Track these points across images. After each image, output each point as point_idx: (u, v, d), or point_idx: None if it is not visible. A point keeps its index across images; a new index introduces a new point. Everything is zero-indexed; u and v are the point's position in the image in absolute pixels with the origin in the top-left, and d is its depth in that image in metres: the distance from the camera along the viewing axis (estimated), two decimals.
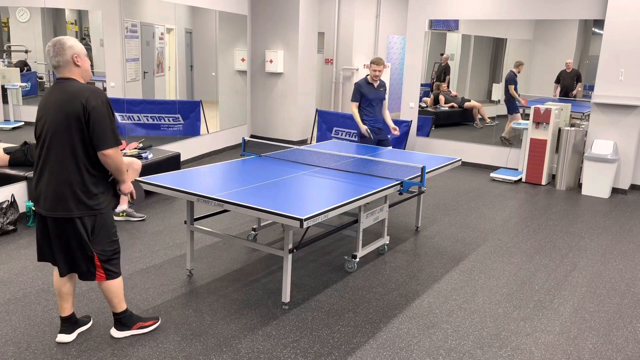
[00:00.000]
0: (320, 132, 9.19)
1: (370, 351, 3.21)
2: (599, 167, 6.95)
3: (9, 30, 5.54)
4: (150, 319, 3.32)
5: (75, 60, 2.84)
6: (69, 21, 6.27)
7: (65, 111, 2.77)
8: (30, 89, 5.77)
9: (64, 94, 2.80)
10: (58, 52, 2.80)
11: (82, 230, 2.90)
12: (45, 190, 2.85)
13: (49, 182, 2.84)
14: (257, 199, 3.52)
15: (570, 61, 7.78)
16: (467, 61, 9.03)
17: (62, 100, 2.79)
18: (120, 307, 3.17)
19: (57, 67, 2.84)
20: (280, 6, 9.35)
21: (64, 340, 3.16)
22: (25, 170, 5.27)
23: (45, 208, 2.87)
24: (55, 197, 2.83)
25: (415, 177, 4.40)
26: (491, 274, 4.41)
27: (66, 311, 3.18)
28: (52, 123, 2.80)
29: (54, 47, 2.80)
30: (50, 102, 2.84)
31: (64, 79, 2.85)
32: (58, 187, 2.82)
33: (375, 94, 5.95)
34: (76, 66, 2.85)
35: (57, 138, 2.80)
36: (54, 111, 2.80)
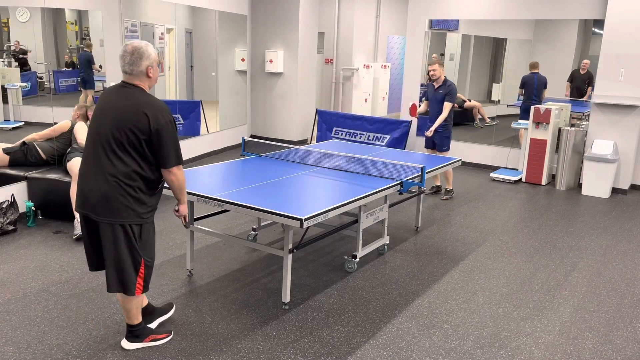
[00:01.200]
0: (320, 132, 9.19)
1: (370, 351, 3.21)
2: (599, 167, 6.95)
3: (9, 30, 5.54)
4: (163, 332, 3.25)
5: (148, 71, 2.83)
6: (69, 21, 6.27)
7: (128, 119, 2.72)
8: (30, 89, 5.77)
9: (128, 102, 2.76)
10: (135, 61, 2.77)
11: (133, 236, 2.85)
12: (97, 193, 2.77)
13: (101, 186, 2.76)
14: (257, 199, 3.52)
15: (587, 62, 7.73)
16: (467, 61, 9.03)
17: (125, 107, 2.75)
18: (137, 319, 3.10)
19: (128, 74, 2.81)
20: (280, 6, 9.35)
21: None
22: (26, 170, 5.27)
23: (95, 212, 2.79)
24: (107, 202, 2.76)
25: (415, 177, 4.40)
26: (491, 274, 4.41)
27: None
28: (111, 127, 2.75)
29: (131, 55, 2.77)
30: (111, 106, 2.79)
31: (130, 85, 2.83)
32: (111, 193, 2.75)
33: (432, 95, 6.25)
34: (148, 77, 2.84)
35: (115, 143, 2.74)
36: (114, 116, 2.75)
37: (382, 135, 8.28)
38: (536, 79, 8.12)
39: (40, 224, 5.15)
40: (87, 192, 2.81)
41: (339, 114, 9.02)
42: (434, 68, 6.07)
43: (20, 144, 5.40)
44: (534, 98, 8.19)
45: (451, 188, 6.56)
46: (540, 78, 8.08)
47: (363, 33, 11.31)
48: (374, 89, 11.76)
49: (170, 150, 2.80)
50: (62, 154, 5.43)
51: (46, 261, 4.30)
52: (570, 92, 7.95)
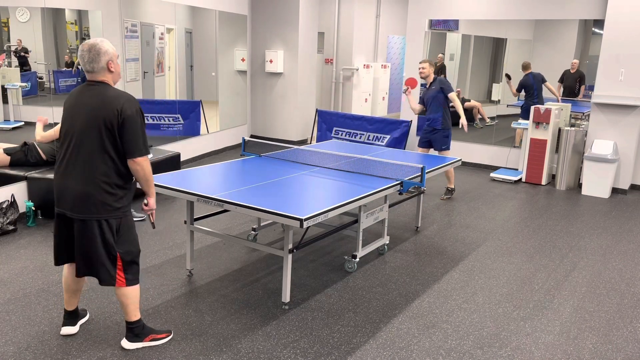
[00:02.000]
0: (320, 132, 9.19)
1: (370, 351, 3.21)
2: (599, 167, 6.95)
3: (9, 30, 5.54)
4: (163, 332, 3.25)
5: (109, 66, 2.85)
6: (69, 21, 6.27)
7: (98, 116, 2.76)
8: (30, 89, 5.77)
9: (96, 99, 2.80)
10: (93, 58, 2.80)
11: (108, 231, 2.89)
12: (72, 191, 2.83)
13: (76, 184, 2.82)
14: (257, 199, 3.52)
15: (576, 61, 7.76)
16: (467, 61, 9.03)
17: (94, 104, 2.79)
18: (135, 315, 3.10)
19: (90, 72, 2.84)
20: (280, 6, 9.35)
21: (70, 332, 3.22)
22: (26, 170, 5.28)
23: (72, 209, 2.85)
24: (83, 199, 2.82)
25: (415, 177, 4.40)
26: (491, 274, 4.41)
27: (72, 305, 3.23)
28: (82, 126, 2.79)
29: (89, 52, 2.79)
30: (80, 105, 2.83)
31: (95, 82, 2.86)
32: (86, 189, 2.81)
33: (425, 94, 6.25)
34: (110, 72, 2.87)
35: (87, 141, 2.79)
36: (85, 114, 2.79)
37: (382, 135, 8.28)
38: (532, 77, 8.14)
39: (40, 224, 5.15)
40: (63, 191, 2.87)
41: (339, 114, 9.02)
42: (424, 66, 6.10)
43: (21, 145, 5.40)
44: (535, 97, 8.21)
45: (452, 187, 6.56)
46: (536, 76, 8.11)
47: (363, 33, 11.31)
48: (374, 89, 11.76)
49: (137, 140, 2.82)
50: None
51: (46, 261, 4.30)
52: (563, 92, 7.96)
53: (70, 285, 3.17)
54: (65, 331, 3.22)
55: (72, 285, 3.17)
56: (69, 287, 3.18)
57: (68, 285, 3.17)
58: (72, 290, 3.19)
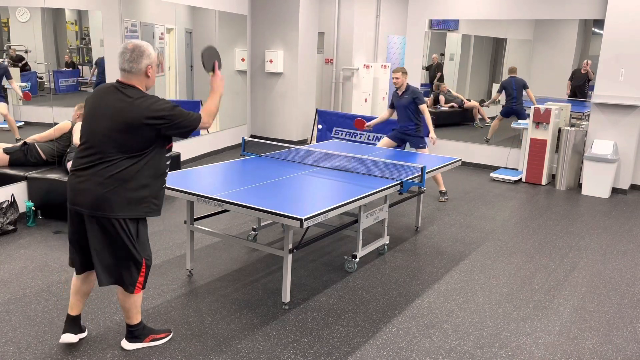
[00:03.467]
0: (320, 132, 9.19)
1: (370, 351, 3.21)
2: (599, 167, 6.95)
3: (9, 30, 5.54)
4: (163, 331, 3.23)
5: (148, 70, 2.79)
6: (69, 21, 6.27)
7: (127, 117, 2.69)
8: (30, 89, 5.76)
9: (126, 101, 2.72)
10: (135, 58, 2.74)
11: (130, 232, 2.82)
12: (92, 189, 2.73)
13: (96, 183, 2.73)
14: (257, 199, 3.52)
15: (589, 62, 7.73)
16: (467, 61, 9.03)
17: (123, 106, 2.71)
18: (137, 319, 3.08)
19: (127, 72, 2.77)
20: (280, 6, 9.35)
21: (70, 340, 3.07)
22: (26, 170, 5.28)
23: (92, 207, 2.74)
24: (103, 198, 2.73)
25: (415, 177, 4.40)
26: (491, 274, 4.41)
27: (76, 310, 3.11)
28: (108, 126, 2.71)
29: (132, 52, 2.74)
30: (107, 105, 2.75)
31: (126, 85, 2.79)
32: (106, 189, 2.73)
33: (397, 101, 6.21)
34: (146, 76, 2.81)
35: (111, 142, 2.71)
36: (112, 115, 2.71)
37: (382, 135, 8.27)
38: (514, 82, 8.17)
39: (40, 224, 5.15)
40: (81, 190, 2.77)
41: (339, 114, 9.02)
42: (397, 76, 6.09)
43: (21, 144, 5.40)
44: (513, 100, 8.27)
45: (444, 190, 6.56)
46: (517, 81, 8.15)
47: (363, 33, 11.30)
48: (374, 89, 11.75)
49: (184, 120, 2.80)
50: (62, 154, 5.43)
51: (46, 261, 4.30)
52: (571, 91, 7.95)
53: (80, 288, 3.06)
54: (65, 339, 3.07)
55: (82, 288, 3.06)
56: (78, 290, 3.06)
57: (77, 287, 3.06)
58: (81, 293, 3.07)
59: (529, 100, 8.08)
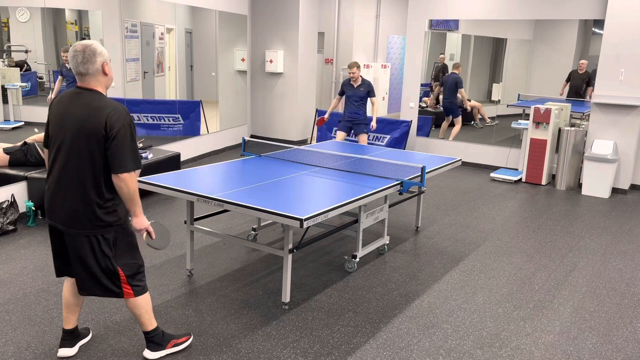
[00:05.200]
0: (320, 132, 9.19)
1: (370, 351, 3.21)
2: (599, 167, 6.95)
3: (9, 30, 5.54)
4: (183, 335, 3.16)
5: (104, 68, 2.67)
6: (69, 21, 6.27)
7: (87, 128, 2.60)
8: (30, 89, 5.77)
9: (86, 109, 2.62)
10: (89, 59, 2.61)
11: (105, 246, 2.74)
12: (62, 205, 2.68)
13: (66, 198, 2.67)
14: (257, 199, 3.52)
15: (584, 62, 7.74)
16: (467, 61, 9.02)
17: (84, 115, 2.61)
18: (151, 324, 2.98)
19: (83, 75, 2.65)
20: (280, 6, 9.35)
21: (66, 354, 3.01)
22: (26, 170, 5.28)
23: (63, 223, 2.70)
24: (73, 214, 2.67)
25: (415, 177, 4.40)
26: (491, 274, 4.41)
27: (71, 323, 3.03)
28: (71, 137, 2.63)
29: (83, 53, 2.61)
30: (69, 114, 2.65)
31: (86, 89, 2.68)
32: (75, 204, 2.66)
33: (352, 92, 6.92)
34: (104, 75, 2.69)
35: (76, 153, 2.64)
36: (74, 125, 2.63)
37: (382, 135, 8.29)
38: (449, 79, 8.18)
39: (40, 224, 5.15)
40: (53, 204, 2.71)
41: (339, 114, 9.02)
42: (354, 71, 6.78)
43: (21, 144, 5.40)
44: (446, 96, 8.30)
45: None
46: (453, 78, 8.18)
47: (363, 33, 11.31)
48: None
49: (122, 155, 2.62)
50: None
51: (46, 261, 4.30)
52: (568, 92, 7.95)
53: (70, 300, 2.98)
54: (62, 353, 3.00)
55: (72, 299, 2.98)
56: (68, 302, 2.99)
57: (67, 300, 2.99)
58: (72, 305, 3.00)
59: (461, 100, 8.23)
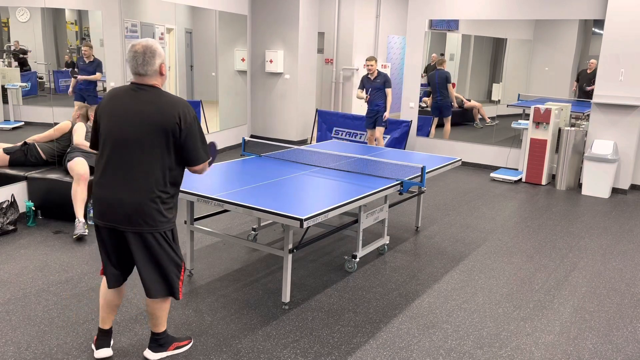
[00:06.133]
0: (320, 132, 9.19)
1: (370, 351, 3.21)
2: (599, 167, 6.95)
3: (9, 30, 5.54)
4: (185, 339, 3.17)
5: (162, 69, 2.69)
6: (69, 21, 6.27)
7: (158, 122, 2.59)
8: (30, 89, 5.77)
9: (154, 104, 2.62)
10: (148, 60, 2.61)
11: (172, 241, 2.77)
12: (125, 203, 2.62)
13: (132, 196, 2.62)
14: (257, 199, 3.52)
15: (594, 62, 7.70)
16: (467, 61, 9.02)
17: (152, 110, 2.60)
18: (163, 326, 2.99)
19: (141, 75, 2.65)
20: (280, 6, 9.35)
21: (106, 354, 3.00)
22: (26, 170, 5.28)
23: (128, 223, 2.65)
24: (140, 211, 2.63)
25: (415, 177, 4.40)
26: (491, 274, 4.41)
27: (109, 323, 3.01)
28: (138, 133, 2.60)
29: (144, 54, 2.61)
30: (132, 110, 2.62)
31: (146, 86, 2.67)
32: (142, 201, 2.63)
33: (370, 84, 7.56)
34: (161, 75, 2.70)
35: (143, 149, 2.61)
36: (141, 120, 2.60)
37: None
38: (437, 75, 8.16)
39: (40, 224, 5.15)
40: (114, 203, 2.64)
41: (339, 114, 9.02)
42: (372, 63, 7.37)
43: (21, 144, 5.40)
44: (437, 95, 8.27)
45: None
46: (441, 74, 8.17)
47: (363, 33, 11.31)
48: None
49: (199, 148, 2.72)
50: (62, 154, 5.43)
51: (46, 261, 4.30)
52: (578, 93, 7.92)
53: (113, 300, 2.94)
54: (102, 354, 2.99)
55: (115, 300, 2.95)
56: (110, 303, 2.94)
57: (109, 300, 2.94)
58: (113, 306, 2.96)
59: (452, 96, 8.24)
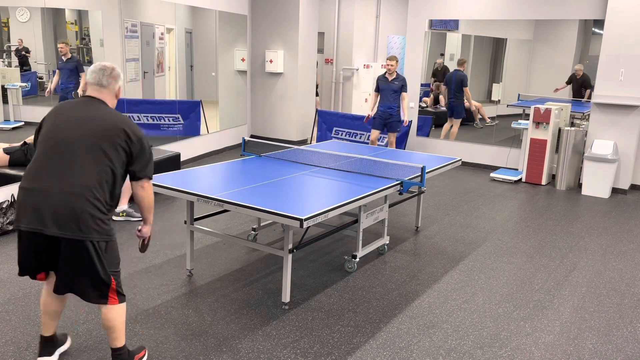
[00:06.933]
0: (320, 132, 9.19)
1: (370, 351, 3.21)
2: (599, 167, 6.95)
3: (9, 30, 5.54)
4: (141, 349, 3.04)
5: (119, 93, 2.85)
6: (69, 21, 6.27)
7: (102, 129, 2.62)
8: (30, 89, 5.77)
9: (106, 115, 2.68)
10: (114, 77, 2.80)
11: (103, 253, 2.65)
12: (61, 209, 2.54)
13: (69, 202, 2.55)
14: (257, 199, 3.52)
15: (580, 67, 7.72)
16: (467, 61, 9.02)
17: (103, 120, 2.65)
18: (122, 340, 2.84)
19: (99, 87, 2.76)
20: (280, 6, 9.35)
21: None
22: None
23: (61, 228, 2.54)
24: (77, 218, 2.55)
25: (415, 177, 4.40)
26: (491, 274, 4.41)
27: (51, 329, 2.91)
28: (85, 140, 2.60)
29: (111, 72, 2.79)
30: (82, 119, 2.65)
31: (96, 99, 2.75)
32: (81, 208, 2.55)
33: (386, 85, 7.21)
34: (115, 98, 2.84)
35: (87, 156, 2.59)
36: (91, 128, 2.62)
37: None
38: (454, 76, 8.16)
39: None
40: (46, 207, 2.55)
41: (339, 114, 9.03)
42: (393, 63, 7.02)
43: (21, 144, 5.40)
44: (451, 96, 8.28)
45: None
46: (458, 76, 8.17)
47: (363, 33, 11.31)
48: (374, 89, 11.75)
49: (149, 162, 2.78)
50: None
51: None
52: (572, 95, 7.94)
53: (51, 306, 2.84)
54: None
55: (54, 305, 2.85)
56: (49, 309, 2.85)
57: (47, 305, 2.84)
58: (52, 312, 2.86)
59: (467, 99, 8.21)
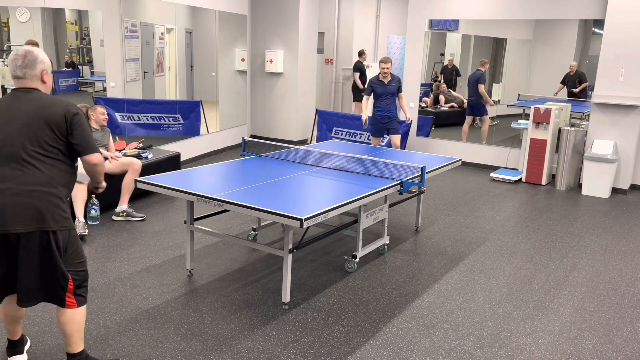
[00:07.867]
0: (320, 132, 9.19)
1: (370, 351, 3.21)
2: (599, 167, 6.95)
3: (9, 30, 5.54)
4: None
5: (43, 76, 2.65)
6: (69, 21, 6.27)
7: (45, 118, 2.54)
8: None
9: (36, 102, 2.57)
10: (28, 64, 2.60)
11: (59, 247, 2.55)
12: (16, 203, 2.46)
13: (21, 193, 2.47)
14: (257, 199, 3.52)
15: (574, 64, 7.76)
16: (467, 61, 9.03)
17: (35, 107, 2.56)
18: (79, 346, 2.73)
19: (20, 78, 2.62)
20: (280, 6, 9.35)
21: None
22: None
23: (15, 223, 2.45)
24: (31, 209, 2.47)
25: (415, 177, 4.40)
26: (491, 274, 4.41)
27: (18, 334, 2.87)
28: (23, 134, 2.52)
29: (24, 58, 2.60)
30: (15, 109, 2.56)
31: (28, 89, 2.62)
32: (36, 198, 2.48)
33: (383, 89, 6.72)
34: (42, 82, 2.66)
35: (28, 151, 2.51)
36: (25, 119, 2.53)
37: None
38: (473, 75, 8.23)
39: None
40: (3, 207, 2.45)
41: (339, 114, 9.03)
42: (388, 66, 6.59)
43: None
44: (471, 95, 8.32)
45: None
46: (474, 75, 8.24)
47: (363, 33, 11.31)
48: None
49: (90, 137, 2.66)
50: None
51: None
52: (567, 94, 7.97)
53: (14, 315, 2.79)
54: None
55: (16, 314, 2.79)
56: (12, 317, 2.80)
57: (10, 315, 2.79)
58: (16, 319, 2.81)
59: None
